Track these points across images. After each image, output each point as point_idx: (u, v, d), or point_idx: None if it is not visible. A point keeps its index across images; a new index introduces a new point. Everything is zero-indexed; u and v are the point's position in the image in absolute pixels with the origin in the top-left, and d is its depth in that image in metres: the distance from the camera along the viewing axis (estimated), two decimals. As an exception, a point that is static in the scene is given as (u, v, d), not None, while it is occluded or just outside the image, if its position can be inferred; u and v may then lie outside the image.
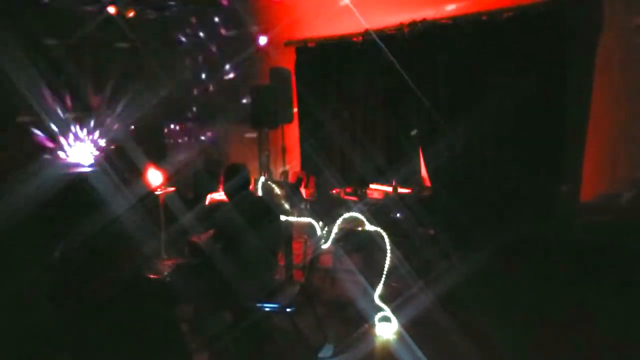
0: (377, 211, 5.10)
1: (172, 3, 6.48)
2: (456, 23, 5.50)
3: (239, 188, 3.77)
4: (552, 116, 5.09)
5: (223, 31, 7.34)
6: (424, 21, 5.69)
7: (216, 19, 7.30)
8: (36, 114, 4.94)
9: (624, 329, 3.82)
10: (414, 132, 6.06)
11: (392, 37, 5.97)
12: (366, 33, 6.14)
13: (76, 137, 5.20)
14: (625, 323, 3.88)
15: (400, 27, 5.87)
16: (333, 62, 6.56)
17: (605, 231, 4.77)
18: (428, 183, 6.04)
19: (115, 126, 5.36)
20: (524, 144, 5.28)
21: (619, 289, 4.32)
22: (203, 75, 7.32)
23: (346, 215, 4.55)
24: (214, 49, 7.35)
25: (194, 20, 7.11)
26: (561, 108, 5.04)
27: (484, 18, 5.32)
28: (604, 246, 4.61)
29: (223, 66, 7.40)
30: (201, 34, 7.23)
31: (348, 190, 5.79)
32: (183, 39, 7.06)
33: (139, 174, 4.53)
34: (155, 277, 3.94)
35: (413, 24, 5.77)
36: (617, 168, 4.99)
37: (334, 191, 5.94)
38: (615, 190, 4.96)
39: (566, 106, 5.03)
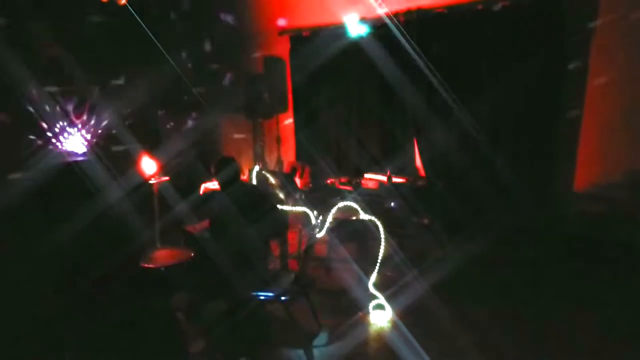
0: (372, 201, 5.10)
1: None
2: (451, 12, 5.48)
3: (231, 179, 3.79)
4: (547, 106, 5.11)
5: (217, 19, 7.28)
6: (419, 10, 5.67)
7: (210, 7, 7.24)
8: (28, 102, 4.91)
9: (617, 318, 3.86)
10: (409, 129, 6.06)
11: (386, 26, 5.94)
12: (361, 22, 6.11)
13: (69, 126, 5.16)
14: (619, 313, 3.92)
15: (395, 16, 5.84)
16: (327, 51, 6.53)
17: (598, 221, 4.80)
18: (422, 173, 6.06)
19: (109, 114, 5.32)
20: (518, 133, 5.30)
21: (612, 279, 4.37)
22: (197, 64, 7.26)
23: (341, 204, 4.55)
24: (208, 36, 7.28)
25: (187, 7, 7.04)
26: (556, 97, 5.06)
27: (479, 7, 5.31)
28: (597, 236, 4.64)
29: (217, 54, 7.35)
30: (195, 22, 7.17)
31: (343, 180, 5.79)
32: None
33: (133, 162, 4.51)
34: (150, 266, 3.94)
35: (408, 13, 5.75)
36: (611, 158, 5.02)
37: (328, 181, 5.94)
38: (610, 180, 4.99)
39: (561, 96, 5.05)
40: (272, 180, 5.45)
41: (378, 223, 4.26)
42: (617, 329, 3.73)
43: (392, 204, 5.14)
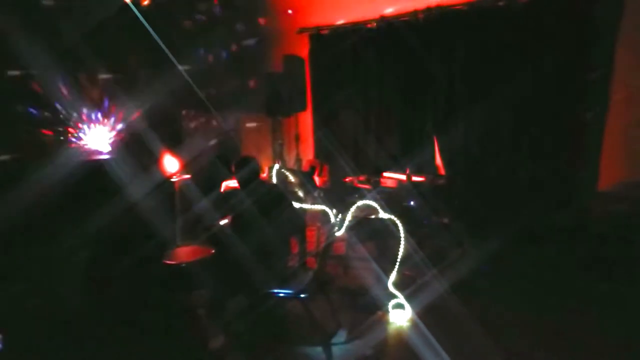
0: (391, 199, 5.09)
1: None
2: (472, 9, 5.42)
3: (250, 178, 3.84)
4: (570, 103, 5.02)
5: (237, 17, 7.32)
6: (438, 7, 5.63)
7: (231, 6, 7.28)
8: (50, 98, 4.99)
9: (636, 320, 3.78)
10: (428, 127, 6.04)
11: (406, 24, 5.92)
12: (380, 20, 6.09)
13: (93, 124, 5.24)
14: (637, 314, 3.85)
15: (414, 13, 5.81)
16: (347, 49, 6.52)
17: (622, 221, 4.70)
18: (442, 171, 6.01)
19: (131, 112, 5.39)
20: (540, 131, 5.22)
21: (634, 279, 4.27)
22: (217, 62, 7.32)
23: (360, 203, 4.55)
24: (228, 36, 7.33)
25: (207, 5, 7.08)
26: (580, 94, 4.96)
27: (500, 4, 5.24)
28: (621, 236, 4.55)
29: (237, 53, 7.39)
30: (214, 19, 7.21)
31: (361, 178, 5.78)
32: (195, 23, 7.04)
33: (155, 160, 4.58)
34: (171, 263, 3.99)
35: (427, 10, 5.71)
36: (636, 157, 4.91)
37: (347, 179, 5.94)
38: (634, 179, 4.88)
39: (585, 92, 4.95)
40: (291, 178, 5.47)
41: (397, 222, 4.24)
42: (635, 329, 3.65)
43: (412, 202, 5.11)
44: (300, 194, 5.34)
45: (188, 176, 4.61)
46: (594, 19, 4.80)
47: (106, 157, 4.76)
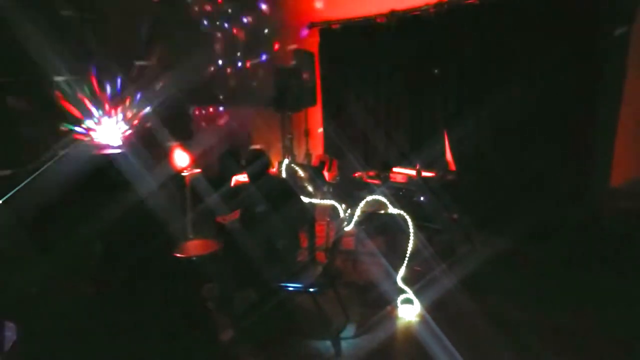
0: (400, 195, 5.08)
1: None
2: (483, 3, 5.37)
3: (260, 172, 3.87)
4: (582, 98, 4.96)
5: (246, 13, 7.33)
6: (450, 1, 5.58)
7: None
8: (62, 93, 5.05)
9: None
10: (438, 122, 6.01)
11: (417, 18, 5.88)
12: (391, 14, 6.06)
13: (103, 118, 5.29)
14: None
15: (426, 8, 5.77)
16: (357, 43, 6.50)
17: (634, 218, 4.65)
18: (452, 167, 5.98)
19: (142, 107, 5.44)
20: (552, 126, 5.17)
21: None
22: (227, 58, 7.33)
23: (369, 198, 4.55)
24: (237, 30, 7.34)
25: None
26: (592, 89, 4.90)
27: (513, -2, 5.19)
28: (633, 234, 4.51)
29: (247, 48, 7.41)
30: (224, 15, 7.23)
31: (371, 173, 5.78)
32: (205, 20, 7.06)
33: (166, 155, 4.62)
34: (181, 256, 4.03)
35: (439, 5, 5.67)
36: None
37: (356, 174, 5.94)
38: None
39: (598, 87, 4.89)
40: (300, 173, 5.49)
41: (407, 217, 4.24)
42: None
43: (422, 198, 5.09)
44: (310, 188, 5.36)
45: (199, 170, 4.65)
46: (607, 13, 4.73)
47: (116, 151, 4.81)
